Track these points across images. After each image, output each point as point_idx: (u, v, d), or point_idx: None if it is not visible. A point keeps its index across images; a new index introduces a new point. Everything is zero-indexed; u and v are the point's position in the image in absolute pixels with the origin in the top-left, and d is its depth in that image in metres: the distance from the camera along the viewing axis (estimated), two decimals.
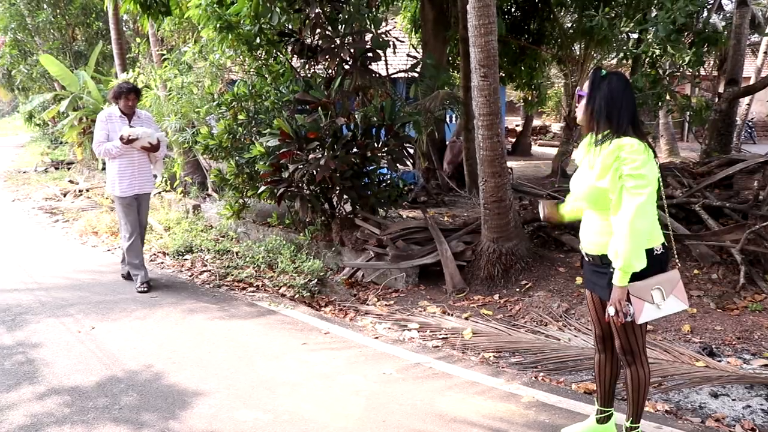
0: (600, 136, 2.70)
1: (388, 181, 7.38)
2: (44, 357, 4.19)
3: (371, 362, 4.14)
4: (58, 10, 17.10)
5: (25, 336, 4.58)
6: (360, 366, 4.07)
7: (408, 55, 9.51)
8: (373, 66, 6.72)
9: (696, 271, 5.93)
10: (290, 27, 6.34)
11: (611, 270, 2.65)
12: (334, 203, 7.17)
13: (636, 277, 2.62)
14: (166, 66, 8.33)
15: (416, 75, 8.98)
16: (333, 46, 5.98)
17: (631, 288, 2.64)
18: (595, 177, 2.67)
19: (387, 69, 8.14)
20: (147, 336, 4.60)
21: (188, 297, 5.55)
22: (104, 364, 4.09)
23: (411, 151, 7.07)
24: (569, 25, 14.48)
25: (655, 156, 2.68)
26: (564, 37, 14.31)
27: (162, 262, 6.82)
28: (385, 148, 6.67)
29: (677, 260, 2.96)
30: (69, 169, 15.56)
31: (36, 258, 7.05)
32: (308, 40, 6.36)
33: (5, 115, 43.47)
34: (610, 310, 2.67)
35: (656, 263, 2.68)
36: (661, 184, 2.74)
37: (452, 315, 5.43)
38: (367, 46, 6.40)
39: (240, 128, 6.77)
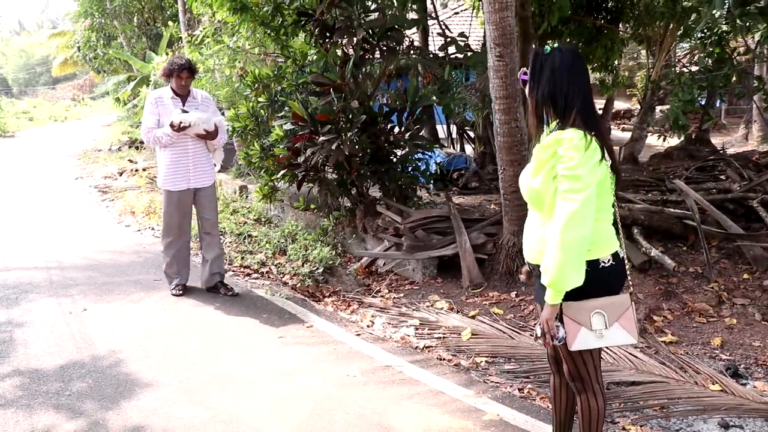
0: (551, 126, 2.28)
1: (417, 167, 7.04)
2: (26, 337, 4.22)
3: (340, 362, 3.89)
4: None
5: (18, 314, 4.65)
6: (326, 365, 3.83)
7: (459, 35, 9.04)
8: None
9: (746, 276, 5.30)
10: (304, 6, 6.10)
11: None
12: (362, 189, 6.92)
13: (575, 294, 2.21)
14: (190, 48, 8.35)
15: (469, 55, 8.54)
16: (349, 24, 5.69)
17: (565, 308, 2.24)
18: (530, 174, 2.28)
19: (427, 48, 7.78)
20: (131, 321, 4.56)
21: (190, 281, 5.49)
22: (77, 347, 4.06)
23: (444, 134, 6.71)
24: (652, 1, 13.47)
25: (609, 153, 2.22)
26: (644, 14, 13.34)
27: None
28: (408, 133, 6.34)
29: (630, 282, 2.45)
30: (138, 148, 16.13)
31: (70, 236, 7.25)
32: (328, 20, 6.10)
33: (105, 95, 46.19)
34: (537, 330, 2.29)
35: (600, 279, 2.25)
36: (613, 188, 2.29)
37: (459, 312, 5.09)
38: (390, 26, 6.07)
39: (262, 111, 6.64)
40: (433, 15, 10.95)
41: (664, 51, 13.47)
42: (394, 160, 6.69)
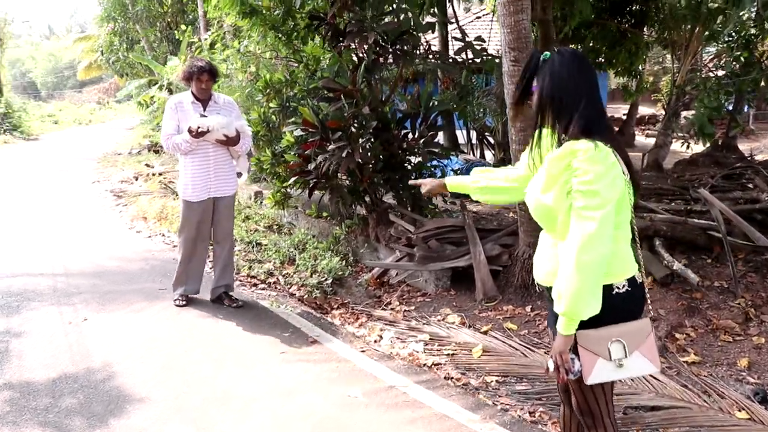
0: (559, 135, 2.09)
1: (432, 175, 6.84)
2: (22, 348, 4.12)
3: (342, 381, 3.71)
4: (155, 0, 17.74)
5: (17, 323, 4.56)
6: (328, 384, 3.66)
7: (475, 39, 8.87)
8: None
9: None
10: (317, 10, 5.96)
11: None
12: (374, 197, 6.75)
13: (590, 322, 1.99)
14: (201, 53, 8.26)
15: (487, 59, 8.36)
16: (360, 28, 5.53)
17: (580, 337, 2.02)
18: (540, 189, 2.07)
19: (446, 52, 7.60)
20: (132, 331, 4.44)
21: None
22: (72, 360, 3.94)
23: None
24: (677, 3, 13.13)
25: (628, 164, 2.02)
26: (669, 18, 13.01)
27: None
28: (422, 140, 6.16)
29: (650, 306, 2.24)
30: (157, 152, 16.16)
31: (80, 241, 7.18)
32: (340, 24, 5.95)
33: (129, 99, 46.67)
34: (549, 364, 2.09)
35: (618, 306, 2.04)
36: (631, 203, 2.07)
37: (471, 327, 4.89)
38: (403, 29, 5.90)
39: (273, 116, 6.51)
40: (453, 19, 10.81)
41: (689, 55, 13.12)
42: (408, 167, 6.52)
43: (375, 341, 4.65)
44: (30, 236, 7.43)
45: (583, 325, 1.98)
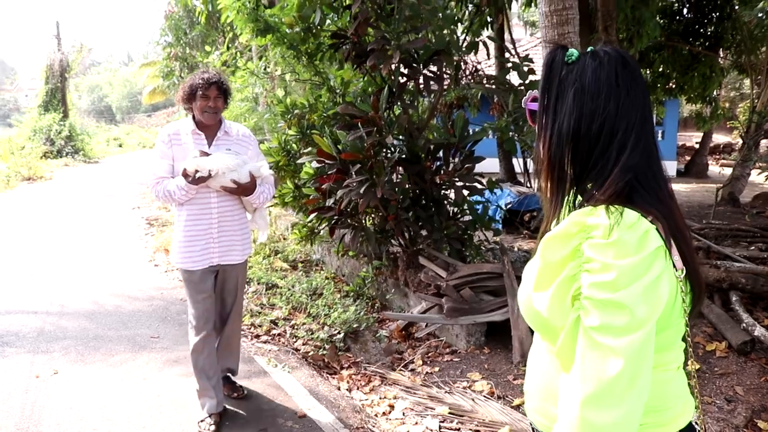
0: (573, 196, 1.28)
1: (473, 211, 6.05)
2: None
3: None
4: (210, 23, 17.73)
5: None
6: None
7: (524, 60, 8.08)
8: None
9: None
10: (340, 28, 5.33)
11: None
12: (403, 236, 6.02)
13: None
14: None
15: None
16: (384, 46, 4.87)
17: None
18: (532, 283, 1.25)
19: (503, 75, 6.86)
20: (102, 391, 3.85)
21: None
22: (18, 427, 3.36)
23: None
24: (755, 25, 12.04)
25: (686, 251, 1.18)
26: (748, 39, 11.91)
27: None
28: (456, 173, 5.41)
29: None
30: None
31: (92, 274, 6.77)
32: (364, 42, 5.31)
33: None
34: None
35: None
36: (688, 310, 1.21)
37: (501, 399, 4.08)
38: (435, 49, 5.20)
39: (294, 144, 5.91)
40: (509, 41, 10.07)
41: None
42: (446, 203, 5.77)
43: (383, 413, 3.90)
44: (46, 266, 7.07)
45: None
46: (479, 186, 5.55)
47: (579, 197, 1.26)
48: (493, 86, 7.42)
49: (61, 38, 26.41)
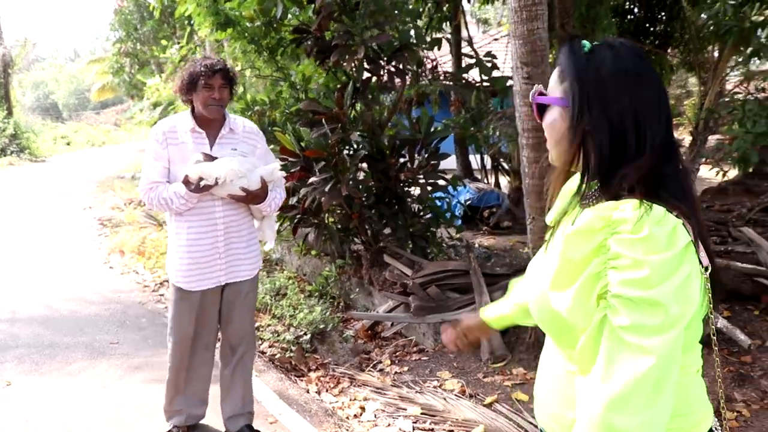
0: (590, 187, 1.19)
1: (436, 207, 6.03)
2: None
3: None
4: (163, 18, 17.33)
5: None
6: None
7: (486, 56, 8.10)
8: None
9: None
10: (302, 23, 5.23)
11: None
12: (366, 235, 5.95)
13: None
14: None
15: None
16: (348, 42, 4.78)
17: None
18: (549, 281, 1.18)
19: (459, 71, 6.85)
20: (59, 402, 3.68)
21: (152, 346, 4.60)
22: None
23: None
24: (704, 23, 12.40)
25: (707, 246, 1.13)
26: (696, 38, 12.25)
27: (162, 295, 5.95)
28: (422, 170, 5.38)
29: None
30: None
31: (44, 278, 6.51)
32: (327, 38, 5.22)
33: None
34: None
35: None
36: (707, 309, 1.19)
37: (473, 397, 4.06)
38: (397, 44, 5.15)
39: None
40: (466, 35, 10.10)
41: (717, 77, 12.34)
42: (409, 201, 5.73)
43: (355, 416, 3.83)
44: None
45: None
46: (442, 182, 5.54)
47: (583, 189, 1.20)
48: (451, 83, 7.43)
49: (3, 32, 25.39)
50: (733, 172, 9.73)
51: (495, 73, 6.41)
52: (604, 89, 1.14)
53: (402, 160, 5.54)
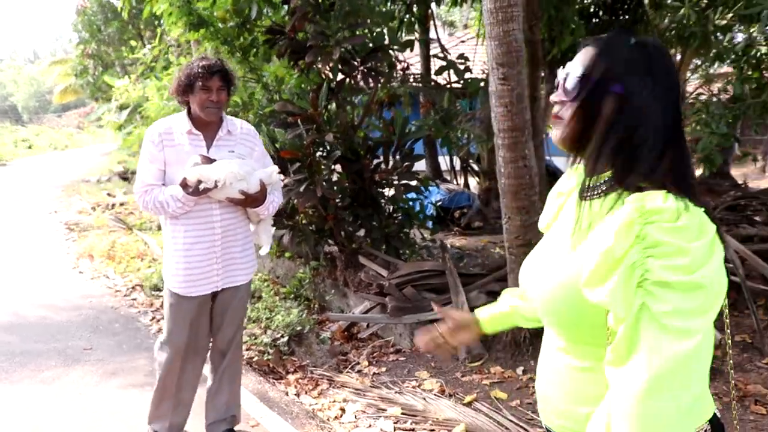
0: (597, 179, 1.22)
1: (410, 208, 6.05)
2: None
3: None
4: (128, 20, 17.06)
5: None
6: None
7: (458, 58, 8.17)
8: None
9: None
10: (276, 23, 5.20)
11: None
12: (341, 236, 5.94)
13: None
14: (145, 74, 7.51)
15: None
16: (322, 43, 4.78)
17: None
18: (585, 278, 1.15)
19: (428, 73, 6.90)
20: (33, 411, 3.59)
21: (127, 351, 4.52)
22: None
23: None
24: (666, 26, 12.69)
25: (720, 237, 1.15)
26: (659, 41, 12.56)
27: (134, 299, 5.86)
28: (396, 171, 5.40)
29: None
30: (128, 179, 15.33)
31: (11, 285, 6.33)
32: (301, 38, 5.21)
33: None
34: None
35: None
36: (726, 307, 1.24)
37: (452, 396, 4.08)
38: (372, 45, 5.17)
39: None
40: (436, 38, 10.17)
41: (680, 79, 12.60)
42: (382, 202, 5.74)
43: (336, 417, 3.83)
44: None
45: None
46: (414, 183, 5.57)
47: (592, 179, 1.22)
48: (421, 85, 7.49)
49: None
50: (697, 172, 9.98)
51: (469, 75, 6.47)
52: (653, 81, 1.17)
53: (376, 161, 5.56)
